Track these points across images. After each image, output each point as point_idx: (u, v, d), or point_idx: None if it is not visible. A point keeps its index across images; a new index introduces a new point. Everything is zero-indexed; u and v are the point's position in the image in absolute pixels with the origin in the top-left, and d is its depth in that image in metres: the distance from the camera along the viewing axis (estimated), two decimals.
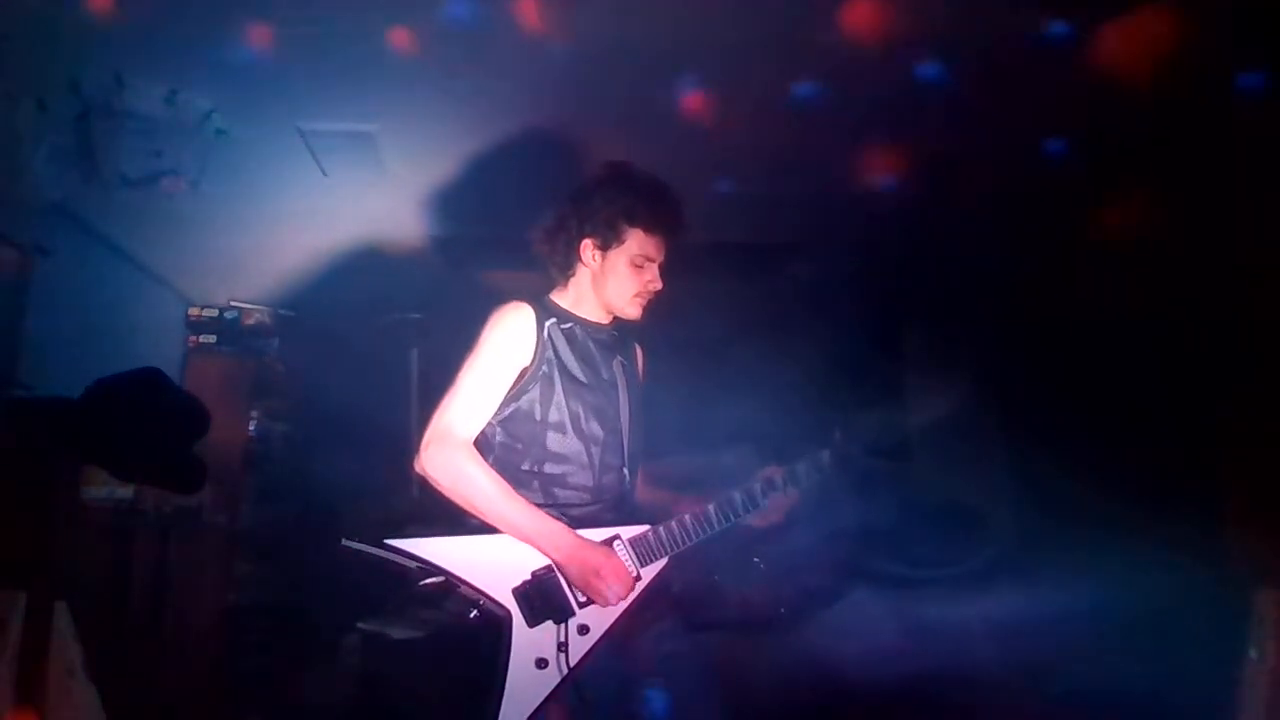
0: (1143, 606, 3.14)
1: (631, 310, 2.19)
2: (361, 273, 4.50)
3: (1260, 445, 3.33)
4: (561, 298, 2.24)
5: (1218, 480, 3.47)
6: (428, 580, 2.00)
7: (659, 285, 2.19)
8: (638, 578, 2.05)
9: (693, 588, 2.27)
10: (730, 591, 3.59)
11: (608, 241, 2.15)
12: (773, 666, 3.48)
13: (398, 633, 3.57)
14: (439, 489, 2.04)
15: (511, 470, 2.10)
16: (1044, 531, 3.73)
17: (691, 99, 2.99)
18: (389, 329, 4.15)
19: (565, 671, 1.93)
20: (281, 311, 5.07)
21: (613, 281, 2.16)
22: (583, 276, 2.21)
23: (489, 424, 2.11)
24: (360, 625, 3.75)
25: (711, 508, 2.11)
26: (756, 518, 2.15)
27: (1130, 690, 2.98)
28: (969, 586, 3.74)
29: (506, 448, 2.12)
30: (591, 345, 2.20)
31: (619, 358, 2.25)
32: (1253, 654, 2.51)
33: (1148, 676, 2.94)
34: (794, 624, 3.65)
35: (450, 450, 2.03)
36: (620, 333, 2.28)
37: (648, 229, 2.13)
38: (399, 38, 2.69)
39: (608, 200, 2.15)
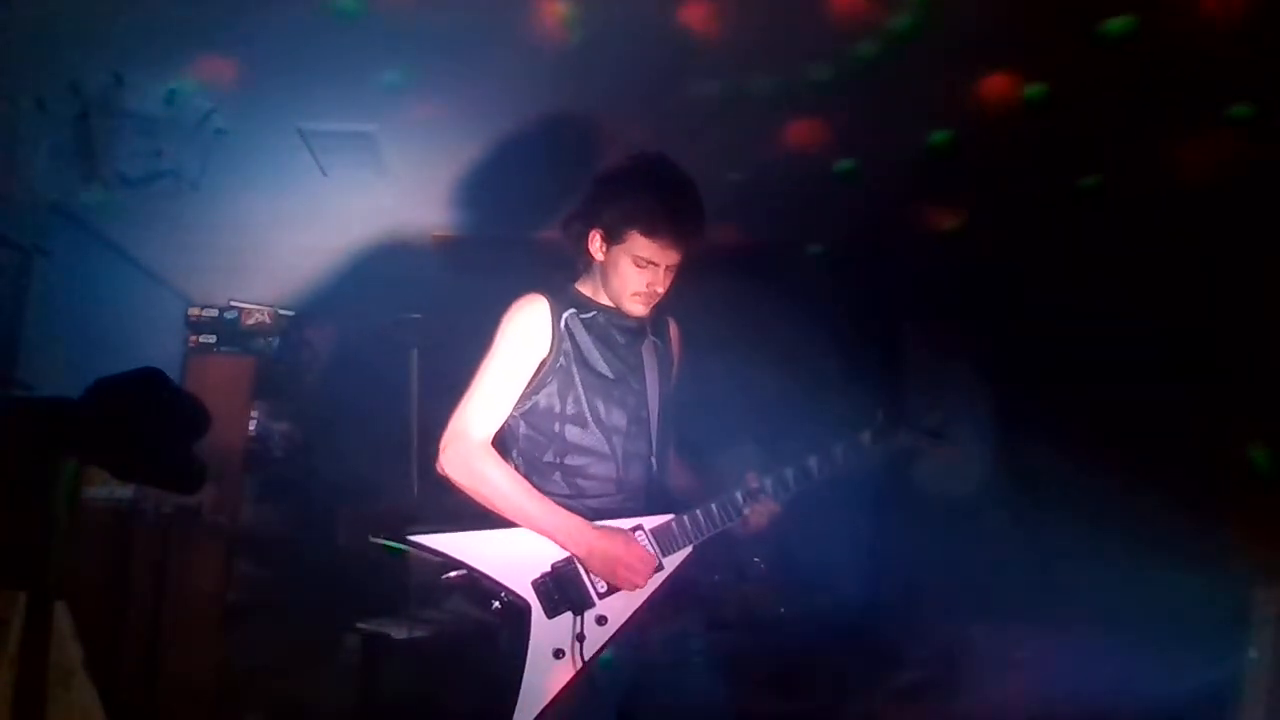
0: (1142, 606, 3.14)
1: (631, 307, 2.14)
2: (361, 273, 4.50)
3: (1260, 443, 3.33)
4: (585, 286, 2.21)
5: (1217, 480, 3.47)
6: (450, 574, 2.02)
7: (660, 289, 2.13)
8: (660, 567, 2.05)
9: (698, 586, 2.27)
10: (730, 591, 3.59)
11: (612, 237, 2.11)
12: (773, 666, 3.49)
13: (410, 629, 3.58)
14: (460, 489, 2.05)
15: (534, 462, 2.11)
16: (1043, 531, 3.73)
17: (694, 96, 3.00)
18: (389, 329, 4.15)
19: (582, 662, 1.94)
20: (281, 311, 5.07)
21: (614, 276, 2.13)
22: (596, 265, 2.19)
23: (512, 416, 2.12)
24: (360, 625, 3.75)
25: (738, 494, 2.10)
26: (779, 504, 2.13)
27: (1130, 690, 2.98)
28: (964, 587, 3.75)
29: (529, 440, 2.12)
30: (616, 332, 2.17)
31: (651, 340, 2.23)
32: (1253, 654, 2.52)
33: (1148, 676, 2.94)
34: (794, 624, 3.65)
35: (467, 450, 2.04)
36: (651, 314, 2.23)
37: (648, 234, 2.06)
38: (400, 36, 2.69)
39: (615, 196, 2.10)
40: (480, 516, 2.05)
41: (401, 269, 4.36)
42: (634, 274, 2.11)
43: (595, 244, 2.14)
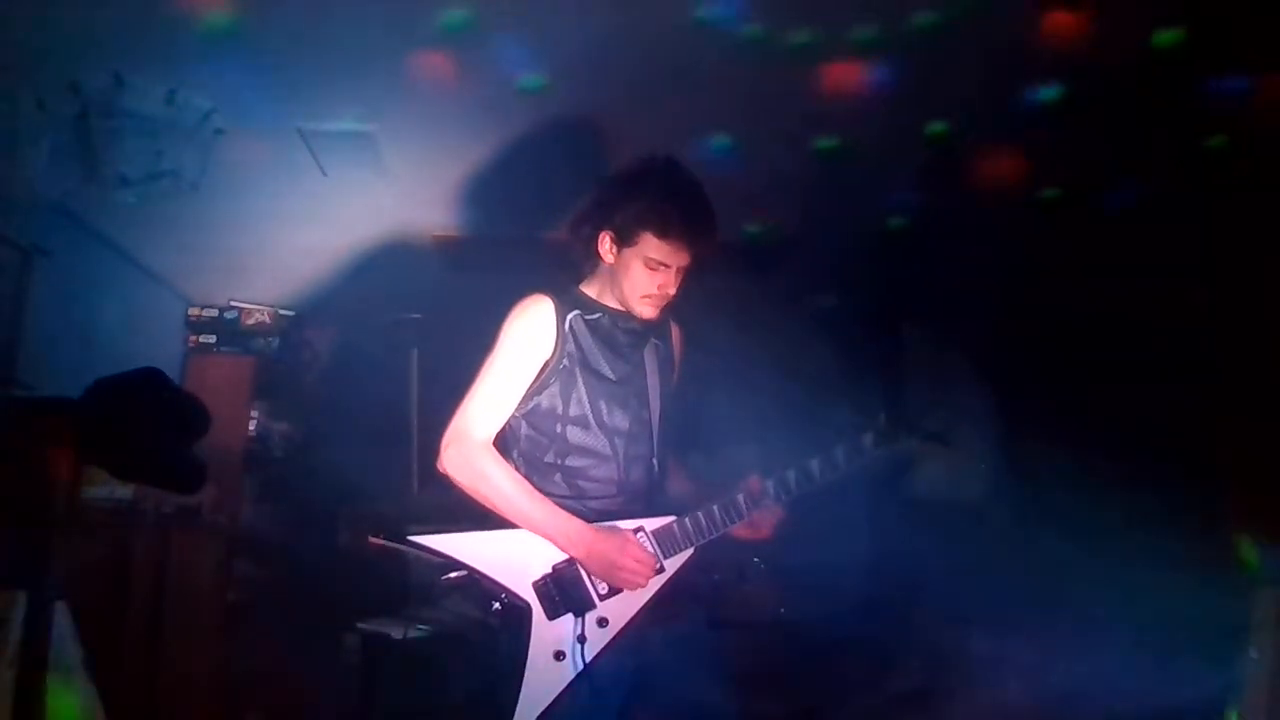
0: (1142, 606, 3.14)
1: (641, 309, 2.15)
2: (361, 273, 4.50)
3: (1260, 444, 3.33)
4: (590, 287, 2.22)
5: (1217, 479, 3.47)
6: (450, 575, 2.02)
7: (672, 290, 2.14)
8: (661, 568, 2.05)
9: (699, 586, 2.27)
10: (731, 591, 3.59)
11: (623, 239, 2.12)
12: (773, 665, 3.49)
13: (410, 629, 3.58)
14: (460, 489, 2.05)
15: (536, 463, 2.11)
16: (1043, 531, 3.73)
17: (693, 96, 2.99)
18: (389, 329, 4.15)
19: (582, 664, 1.94)
20: (281, 311, 5.08)
21: (625, 279, 2.13)
22: (605, 267, 2.19)
23: (514, 417, 2.12)
24: (360, 625, 3.75)
25: (740, 496, 2.10)
26: (783, 505, 2.13)
27: (1130, 690, 2.98)
28: (965, 586, 3.75)
29: (531, 440, 2.12)
30: (620, 335, 2.18)
31: (654, 342, 2.24)
32: (1253, 654, 2.52)
33: (1148, 676, 2.94)
34: (795, 624, 3.65)
35: (468, 450, 2.04)
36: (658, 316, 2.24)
37: (660, 235, 2.08)
38: (399, 37, 2.69)
39: (627, 198, 2.11)
40: (481, 517, 2.05)
41: (401, 269, 4.36)
42: (645, 276, 2.11)
43: (605, 246, 2.15)
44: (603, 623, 2.00)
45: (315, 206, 3.87)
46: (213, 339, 4.96)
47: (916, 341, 4.63)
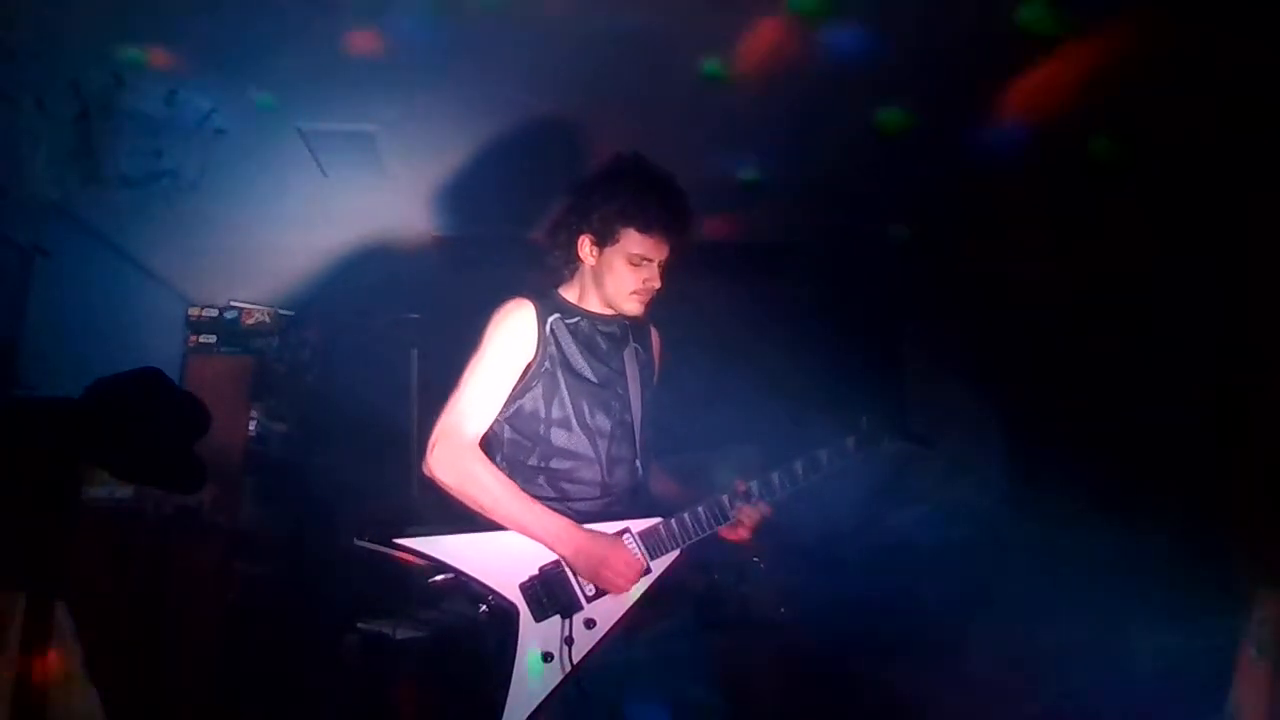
0: (1142, 606, 3.14)
1: (630, 307, 2.17)
2: (361, 273, 4.51)
3: (1261, 444, 3.33)
4: (568, 291, 2.23)
5: (1218, 480, 3.47)
6: (437, 578, 2.02)
7: (657, 284, 2.16)
8: (647, 570, 2.05)
9: (695, 586, 2.27)
10: (730, 591, 3.59)
11: (604, 239, 2.13)
12: (772, 665, 3.49)
13: (407, 629, 3.58)
14: (446, 490, 2.06)
15: (519, 466, 2.11)
16: (1043, 531, 3.73)
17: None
18: (389, 329, 4.15)
19: (570, 666, 1.94)
20: (281, 311, 5.07)
21: (610, 278, 2.14)
22: (585, 270, 2.20)
23: (497, 421, 2.12)
24: (360, 625, 3.75)
25: (725, 498, 2.11)
26: (768, 505, 2.13)
27: (1130, 690, 2.98)
28: (966, 585, 3.75)
29: (515, 444, 2.13)
30: (600, 338, 2.19)
31: (633, 346, 2.25)
32: (1253, 654, 2.51)
33: (1147, 676, 2.94)
34: (794, 624, 3.65)
35: (455, 451, 2.05)
36: (632, 322, 2.26)
37: (642, 230, 2.10)
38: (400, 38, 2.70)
39: (604, 198, 2.12)
40: (471, 518, 2.05)
41: (401, 269, 4.36)
42: (629, 273, 2.13)
43: (585, 250, 2.16)
44: (590, 624, 2.00)
45: (315, 206, 3.87)
46: (213, 339, 4.96)
47: (912, 345, 4.63)
